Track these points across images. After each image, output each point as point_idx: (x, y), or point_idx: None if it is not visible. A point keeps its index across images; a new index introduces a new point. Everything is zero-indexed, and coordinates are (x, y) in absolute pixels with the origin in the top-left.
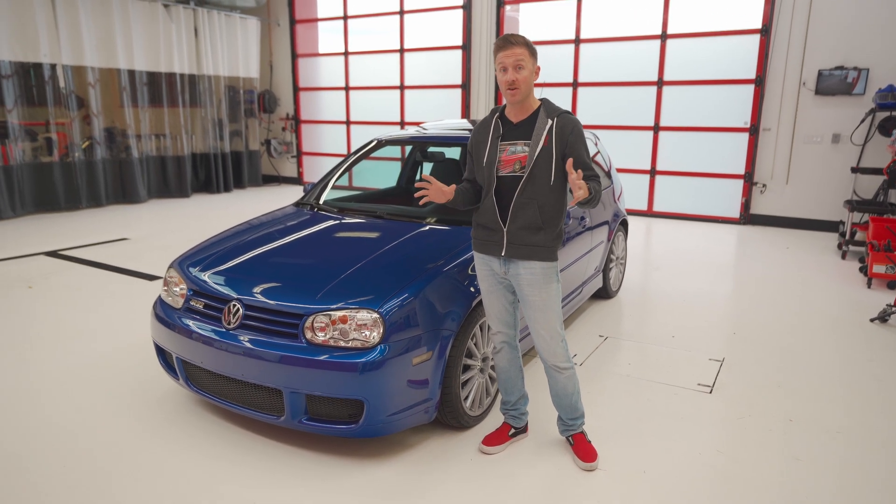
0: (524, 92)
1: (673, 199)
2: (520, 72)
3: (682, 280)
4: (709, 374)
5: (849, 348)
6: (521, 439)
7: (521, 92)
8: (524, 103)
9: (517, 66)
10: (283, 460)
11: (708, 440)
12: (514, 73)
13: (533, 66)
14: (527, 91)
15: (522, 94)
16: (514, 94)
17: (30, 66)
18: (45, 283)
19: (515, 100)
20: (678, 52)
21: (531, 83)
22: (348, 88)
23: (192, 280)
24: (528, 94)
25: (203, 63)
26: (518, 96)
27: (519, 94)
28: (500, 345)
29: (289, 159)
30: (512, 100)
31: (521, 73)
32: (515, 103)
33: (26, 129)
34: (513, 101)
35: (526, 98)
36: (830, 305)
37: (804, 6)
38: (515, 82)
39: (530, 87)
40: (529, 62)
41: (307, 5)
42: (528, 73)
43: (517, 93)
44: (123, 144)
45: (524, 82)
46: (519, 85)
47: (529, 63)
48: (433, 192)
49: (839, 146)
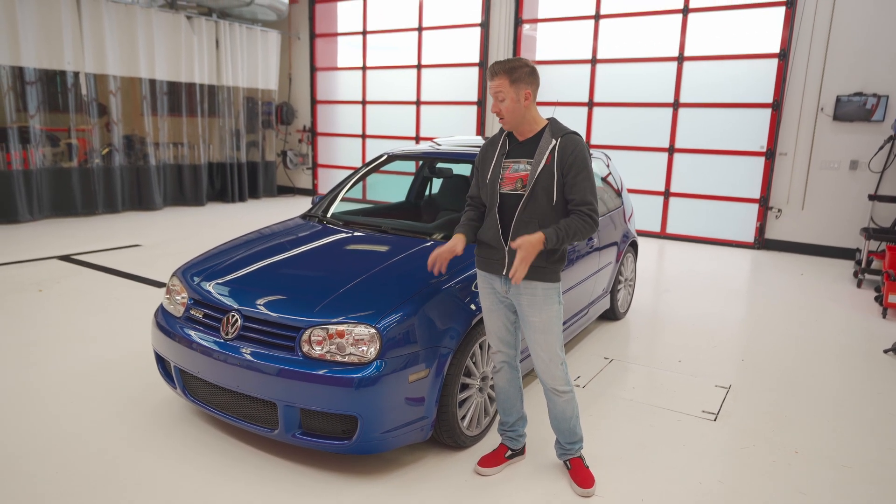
0: (510, 120)
1: (687, 221)
2: (501, 103)
3: (693, 303)
4: (714, 401)
5: (861, 380)
6: (517, 461)
7: (507, 121)
8: (528, 125)
9: (498, 98)
10: (277, 475)
11: (709, 469)
12: (497, 105)
13: (517, 94)
14: (514, 119)
15: (508, 122)
16: (502, 122)
17: (54, 73)
18: (55, 286)
19: (506, 127)
20: (695, 74)
21: (517, 111)
22: (365, 102)
23: (194, 289)
24: (518, 120)
25: (223, 74)
26: (506, 124)
27: (506, 123)
28: (500, 364)
29: (304, 171)
30: (504, 127)
31: (503, 104)
32: (509, 129)
33: (48, 135)
34: (506, 128)
35: (520, 124)
36: (843, 335)
37: (823, 32)
38: (499, 112)
39: (518, 115)
40: (510, 92)
41: (328, 20)
42: (511, 103)
43: (504, 121)
44: (142, 152)
45: (508, 112)
46: (503, 115)
47: (510, 92)
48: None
49: (857, 173)
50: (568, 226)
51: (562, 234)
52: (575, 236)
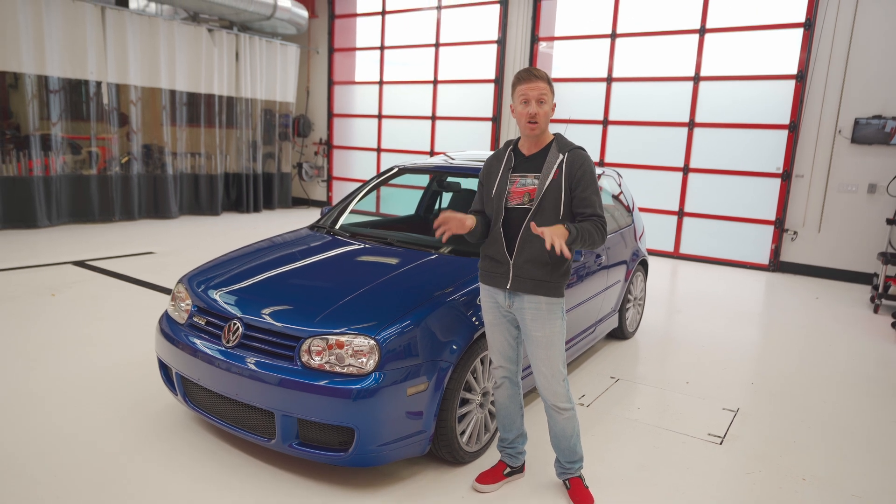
0: (543, 126)
1: (700, 241)
2: (542, 106)
3: (704, 324)
4: (721, 424)
5: (873, 408)
6: (516, 479)
7: (540, 126)
8: (539, 137)
9: (539, 101)
10: (273, 485)
11: (713, 494)
12: (537, 107)
13: (552, 102)
14: (545, 125)
15: (541, 128)
16: (534, 127)
17: (77, 82)
18: (68, 291)
19: (534, 133)
20: (711, 94)
21: (549, 117)
22: (381, 116)
23: (198, 296)
24: (545, 128)
25: (242, 86)
26: (537, 130)
27: (538, 129)
28: (501, 380)
29: (319, 183)
30: (530, 133)
31: (543, 108)
32: (533, 137)
33: (70, 142)
34: (531, 135)
35: (544, 131)
36: (858, 361)
37: (842, 54)
38: (536, 116)
39: (547, 122)
40: (550, 97)
41: (346, 35)
42: (549, 108)
43: (536, 126)
44: (160, 161)
45: (544, 117)
46: (539, 119)
47: (550, 98)
48: (454, 225)
49: (875, 196)
50: (584, 228)
51: (580, 233)
52: (589, 239)
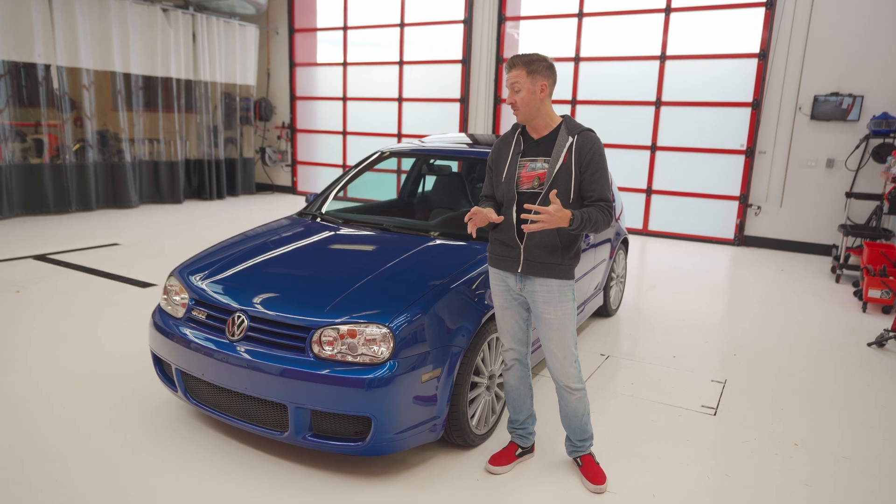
0: (525, 112)
1: (668, 218)
2: (517, 94)
3: (679, 300)
4: (712, 395)
5: (848, 373)
6: (528, 459)
7: (522, 112)
8: (542, 120)
9: (514, 89)
10: (284, 478)
11: (715, 463)
12: (513, 96)
13: (534, 85)
14: (529, 111)
15: (523, 114)
16: (516, 113)
17: (22, 65)
18: (33, 287)
19: (520, 119)
20: (677, 73)
21: (532, 103)
22: (346, 99)
23: (195, 289)
24: (532, 113)
25: (200, 69)
26: (520, 116)
27: (520, 115)
28: (512, 362)
29: (283, 168)
30: (518, 118)
31: (518, 95)
32: (522, 122)
33: (17, 130)
34: (519, 120)
35: (534, 117)
36: (827, 329)
37: (801, 33)
38: (514, 104)
39: (533, 107)
40: (526, 83)
41: (307, 14)
42: (527, 94)
43: (518, 113)
44: (116, 148)
45: (523, 103)
46: (518, 106)
47: (526, 83)
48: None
49: (833, 171)
50: (590, 213)
51: (585, 220)
52: (595, 225)
